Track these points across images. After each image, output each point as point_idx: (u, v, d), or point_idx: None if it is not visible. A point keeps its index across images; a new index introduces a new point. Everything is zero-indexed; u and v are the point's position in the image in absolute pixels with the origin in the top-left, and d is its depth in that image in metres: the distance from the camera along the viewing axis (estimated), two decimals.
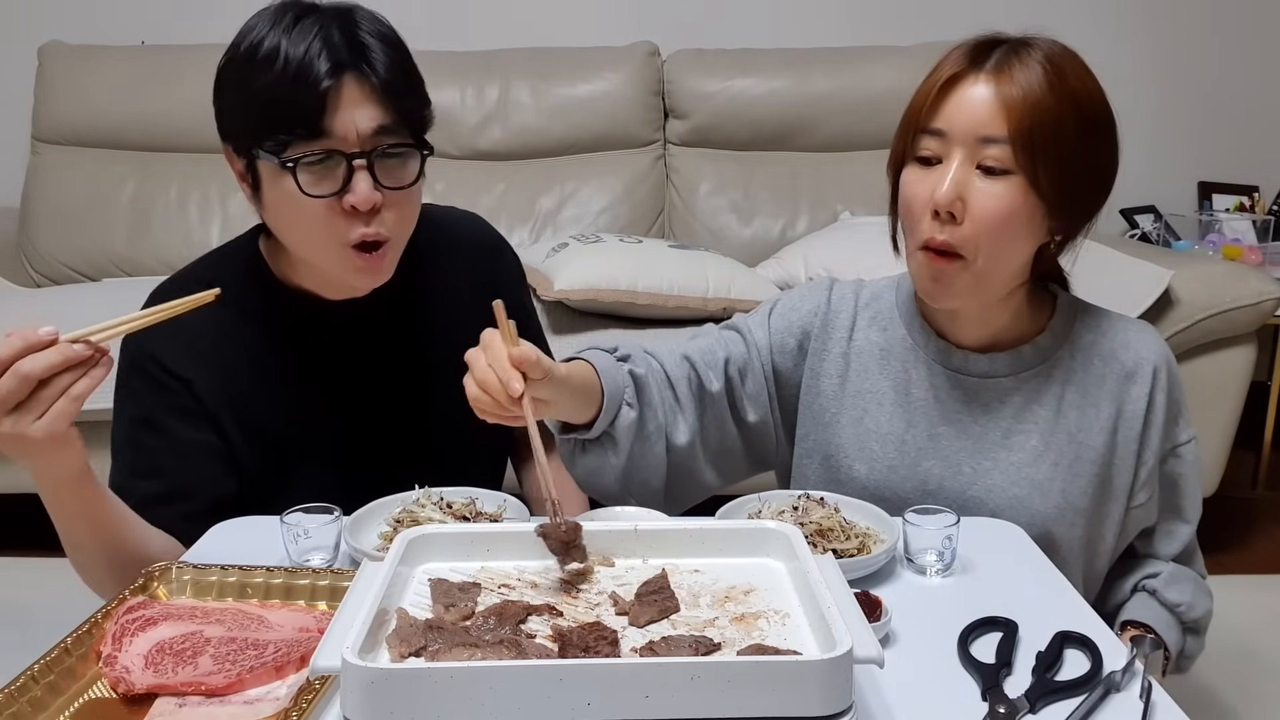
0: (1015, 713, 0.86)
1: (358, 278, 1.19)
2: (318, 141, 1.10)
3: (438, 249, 1.32)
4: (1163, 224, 3.19)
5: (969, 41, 1.15)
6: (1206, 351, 2.37)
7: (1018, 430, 1.22)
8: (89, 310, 1.26)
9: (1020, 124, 1.08)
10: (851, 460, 1.27)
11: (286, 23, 1.10)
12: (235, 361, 1.23)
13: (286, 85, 1.08)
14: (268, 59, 1.09)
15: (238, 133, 1.14)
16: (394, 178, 1.15)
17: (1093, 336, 1.24)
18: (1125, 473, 1.23)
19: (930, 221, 1.13)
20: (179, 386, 1.21)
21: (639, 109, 3.07)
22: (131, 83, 3.01)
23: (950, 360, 1.24)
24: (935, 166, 1.13)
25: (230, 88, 1.14)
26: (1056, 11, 3.16)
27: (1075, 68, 1.13)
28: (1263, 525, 2.73)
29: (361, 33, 1.13)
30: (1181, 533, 1.29)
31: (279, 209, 1.15)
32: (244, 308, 1.24)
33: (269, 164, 1.12)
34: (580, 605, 0.89)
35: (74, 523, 1.10)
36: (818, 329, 1.30)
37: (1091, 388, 1.22)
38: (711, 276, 2.42)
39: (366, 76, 1.12)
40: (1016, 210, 1.11)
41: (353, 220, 1.13)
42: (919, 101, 1.14)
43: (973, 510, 1.22)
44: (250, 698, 0.88)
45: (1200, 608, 1.25)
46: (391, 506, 1.19)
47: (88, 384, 0.96)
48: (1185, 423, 1.26)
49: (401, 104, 1.14)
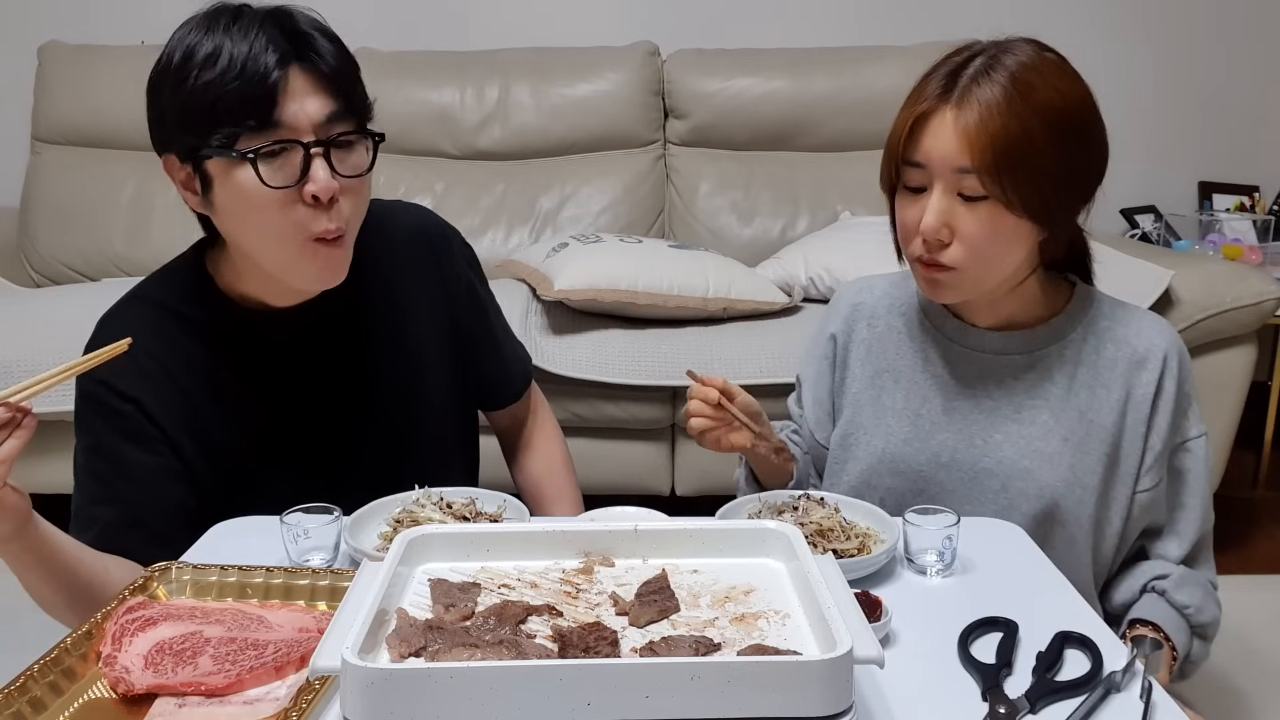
0: (1015, 713, 0.86)
1: (318, 274, 1.18)
2: (270, 132, 1.08)
3: (379, 251, 1.30)
4: (1163, 224, 3.19)
5: (944, 64, 1.18)
6: (1207, 351, 2.37)
7: (1029, 405, 1.26)
8: (89, 310, 1.27)
9: (984, 155, 1.12)
10: (870, 435, 1.33)
11: (223, 24, 1.10)
12: (185, 379, 1.22)
13: (234, 80, 1.07)
14: (210, 59, 1.08)
15: (180, 137, 1.12)
16: (349, 165, 1.14)
17: (1108, 323, 1.27)
18: (1133, 455, 1.25)
19: (920, 244, 1.19)
20: (130, 409, 1.20)
21: (639, 109, 3.07)
22: (131, 83, 2.94)
23: (966, 338, 1.29)
24: (922, 195, 1.18)
25: (169, 93, 1.11)
26: (1056, 12, 3.18)
27: (1046, 76, 1.15)
28: (1263, 525, 2.73)
29: (300, 25, 1.13)
30: (1190, 531, 1.29)
31: (234, 209, 1.13)
32: (191, 324, 1.24)
33: (222, 161, 1.10)
34: (580, 605, 0.89)
35: (25, 572, 1.10)
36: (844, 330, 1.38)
37: (1103, 370, 1.25)
38: (711, 276, 2.42)
39: (314, 65, 1.11)
40: (999, 230, 1.16)
41: (312, 212, 1.12)
42: (897, 133, 1.18)
43: (984, 482, 1.27)
44: (250, 698, 0.88)
45: (1208, 613, 1.26)
46: (391, 506, 1.19)
47: (14, 444, 0.97)
48: (1196, 417, 1.28)
49: (348, 91, 1.14)
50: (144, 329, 1.19)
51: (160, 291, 1.26)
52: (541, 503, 1.49)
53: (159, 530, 1.20)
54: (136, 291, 1.28)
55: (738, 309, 2.43)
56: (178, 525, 1.21)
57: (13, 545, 1.06)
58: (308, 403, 1.28)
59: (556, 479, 1.51)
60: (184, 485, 1.24)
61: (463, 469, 1.43)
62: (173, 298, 1.25)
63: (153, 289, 1.27)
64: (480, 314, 1.44)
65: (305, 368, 1.28)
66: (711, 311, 2.40)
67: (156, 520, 1.22)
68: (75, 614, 1.12)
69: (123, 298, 1.28)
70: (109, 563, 1.16)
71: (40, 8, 3.22)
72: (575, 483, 1.53)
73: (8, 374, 2.23)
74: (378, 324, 1.32)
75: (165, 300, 1.25)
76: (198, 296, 1.24)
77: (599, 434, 2.41)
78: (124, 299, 1.28)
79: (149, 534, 1.20)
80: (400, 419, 1.34)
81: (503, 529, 1.03)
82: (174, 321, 1.23)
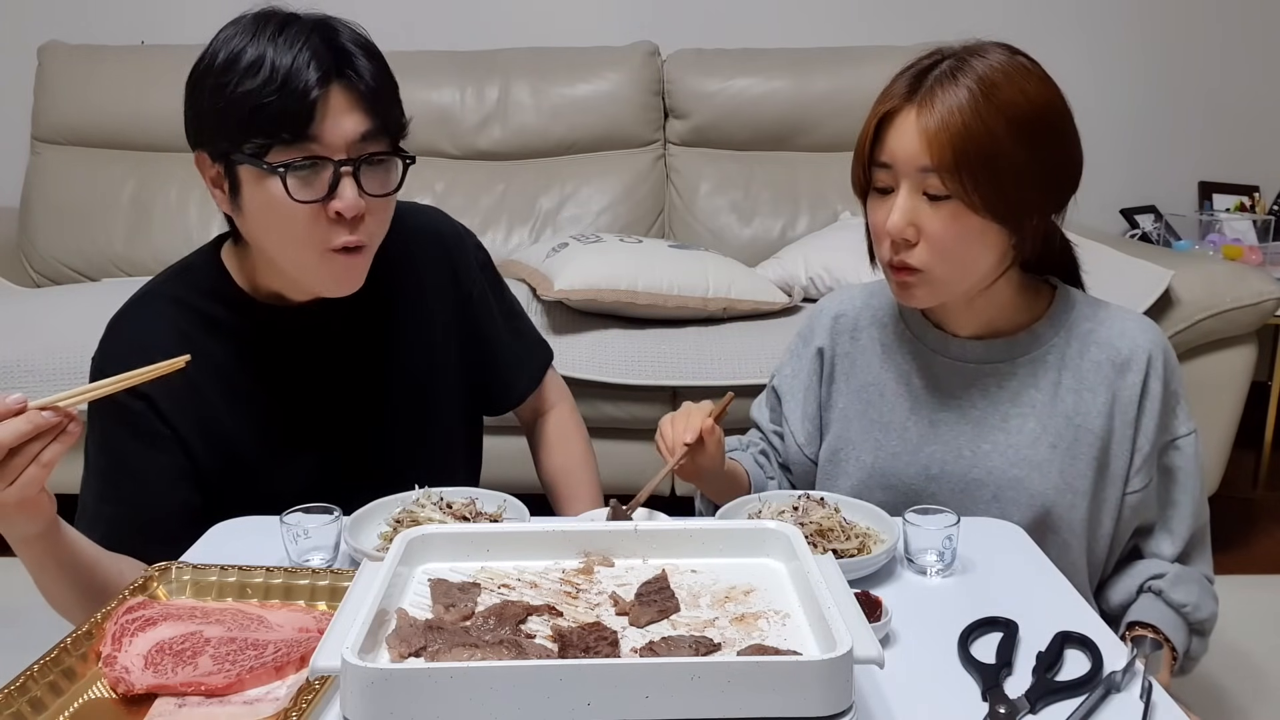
0: (1015, 713, 0.86)
1: (336, 281, 1.19)
2: (303, 146, 1.10)
3: (397, 251, 1.30)
4: (1163, 224, 3.19)
5: (912, 66, 1.19)
6: (1206, 351, 2.37)
7: (1015, 414, 1.26)
8: (89, 310, 1.27)
9: (944, 154, 1.12)
10: (859, 450, 1.32)
11: (270, 32, 1.10)
12: (199, 375, 1.21)
13: (273, 93, 1.08)
14: (252, 66, 1.09)
15: (215, 138, 1.13)
16: (377, 185, 1.15)
17: (1090, 325, 1.26)
18: (1121, 457, 1.25)
19: (890, 244, 1.19)
20: (141, 407, 1.20)
21: (639, 109, 3.07)
22: (131, 83, 3.01)
23: (948, 349, 1.29)
24: (890, 195, 1.18)
25: (209, 94, 1.12)
26: (1055, 12, 3.18)
27: (1013, 78, 1.15)
28: (1263, 525, 2.73)
29: (344, 40, 1.14)
30: (1184, 529, 1.29)
31: (259, 214, 1.14)
32: (208, 319, 1.24)
33: (252, 168, 1.11)
34: (580, 605, 0.89)
35: (41, 571, 1.11)
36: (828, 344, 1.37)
37: (1088, 373, 1.25)
38: (711, 276, 2.42)
39: (353, 84, 1.12)
40: (963, 230, 1.16)
41: (335, 226, 1.14)
42: (865, 134, 1.19)
43: (975, 492, 1.26)
44: (250, 698, 0.88)
45: (1206, 609, 1.26)
46: (391, 506, 1.19)
47: (58, 449, 0.98)
48: (1185, 415, 1.28)
49: (385, 111, 1.15)
50: (158, 325, 1.21)
51: (176, 287, 1.26)
52: (559, 500, 1.49)
53: (166, 531, 1.20)
54: (150, 288, 1.28)
55: (738, 309, 2.43)
56: (184, 525, 1.21)
57: (36, 546, 1.07)
58: (321, 398, 1.28)
59: (572, 476, 1.50)
60: (191, 483, 1.24)
61: (467, 470, 1.44)
62: (190, 293, 1.25)
63: (168, 285, 1.27)
64: (490, 317, 1.44)
65: (320, 363, 1.28)
66: (711, 311, 2.41)
67: (163, 521, 1.22)
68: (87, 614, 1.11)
69: (136, 294, 1.28)
70: (123, 564, 1.16)
71: (40, 8, 3.22)
72: (595, 479, 1.51)
73: (8, 374, 2.23)
74: (393, 323, 1.33)
75: (182, 295, 1.25)
76: (216, 292, 1.25)
77: (599, 434, 2.38)
78: (138, 296, 1.28)
79: (155, 534, 1.20)
80: (412, 417, 1.34)
81: (503, 529, 1.03)
82: (190, 317, 1.24)
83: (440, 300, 1.37)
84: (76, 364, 2.18)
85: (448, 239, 1.41)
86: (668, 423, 1.24)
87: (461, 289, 1.40)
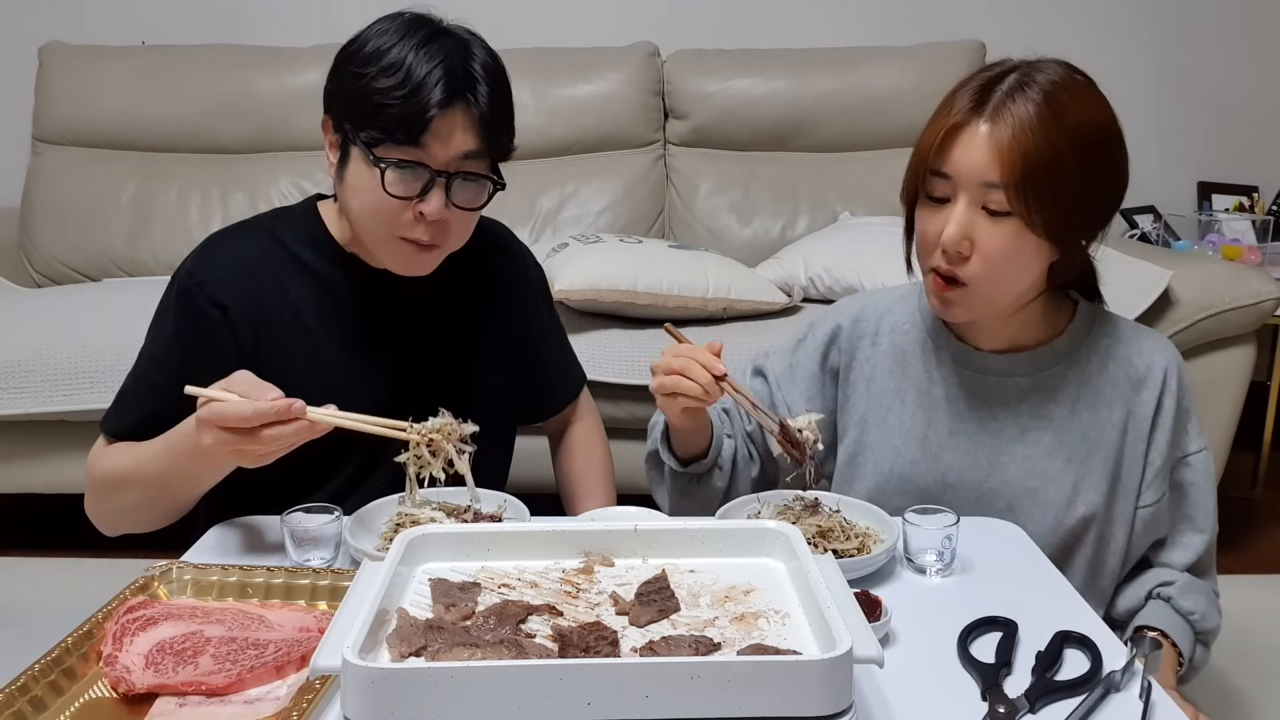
0: (1015, 712, 0.86)
1: (403, 264, 1.27)
2: (410, 151, 1.18)
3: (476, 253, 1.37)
4: (1162, 224, 3.19)
5: (976, 78, 1.18)
6: (1206, 351, 2.37)
7: (1033, 427, 1.27)
8: (89, 310, 1.27)
9: (1014, 171, 1.12)
10: (877, 455, 1.32)
11: (418, 40, 1.19)
12: (275, 303, 1.30)
13: (400, 99, 1.16)
14: (390, 68, 1.17)
15: (341, 115, 1.23)
16: (465, 199, 1.23)
17: (1109, 341, 1.28)
18: (1134, 472, 1.26)
19: (940, 255, 1.18)
20: (217, 315, 1.28)
21: (639, 109, 3.07)
22: (131, 83, 3.00)
23: (970, 361, 1.29)
24: (945, 205, 1.17)
25: (347, 77, 1.21)
26: (1056, 12, 3.18)
27: (1077, 98, 1.15)
28: (1263, 525, 2.73)
29: (476, 64, 1.22)
30: (1194, 542, 1.30)
31: (356, 189, 1.23)
32: (296, 260, 1.33)
33: (361, 152, 1.20)
34: (580, 605, 0.89)
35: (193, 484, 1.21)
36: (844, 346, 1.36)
37: (1105, 389, 1.26)
38: (711, 276, 2.42)
39: (470, 109, 1.20)
40: (1018, 248, 1.16)
41: (417, 222, 1.22)
42: (927, 143, 1.18)
43: (990, 501, 1.27)
44: (250, 698, 0.88)
45: (1212, 620, 1.27)
46: (391, 506, 1.19)
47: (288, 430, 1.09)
48: (1196, 433, 1.29)
49: (492, 137, 1.23)
50: (251, 252, 1.32)
51: (275, 225, 1.36)
52: (573, 501, 1.53)
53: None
54: (252, 220, 1.39)
55: (737, 309, 2.43)
56: None
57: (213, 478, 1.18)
58: (383, 359, 1.34)
59: (591, 480, 1.54)
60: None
61: (497, 472, 1.46)
62: (286, 233, 1.34)
63: (268, 222, 1.37)
64: (541, 329, 1.53)
65: (390, 325, 1.34)
66: (711, 311, 2.41)
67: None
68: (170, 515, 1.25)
69: (235, 224, 1.39)
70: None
71: (40, 8, 3.22)
72: (611, 488, 1.55)
73: (8, 374, 2.23)
74: (463, 314, 1.40)
75: (278, 233, 1.34)
76: (309, 238, 1.34)
77: None
78: (237, 225, 1.38)
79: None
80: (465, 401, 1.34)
81: (503, 529, 1.03)
82: (280, 252, 1.32)
83: (504, 309, 1.45)
84: (77, 364, 2.14)
85: (514, 256, 1.51)
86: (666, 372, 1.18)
87: (519, 304, 1.48)
